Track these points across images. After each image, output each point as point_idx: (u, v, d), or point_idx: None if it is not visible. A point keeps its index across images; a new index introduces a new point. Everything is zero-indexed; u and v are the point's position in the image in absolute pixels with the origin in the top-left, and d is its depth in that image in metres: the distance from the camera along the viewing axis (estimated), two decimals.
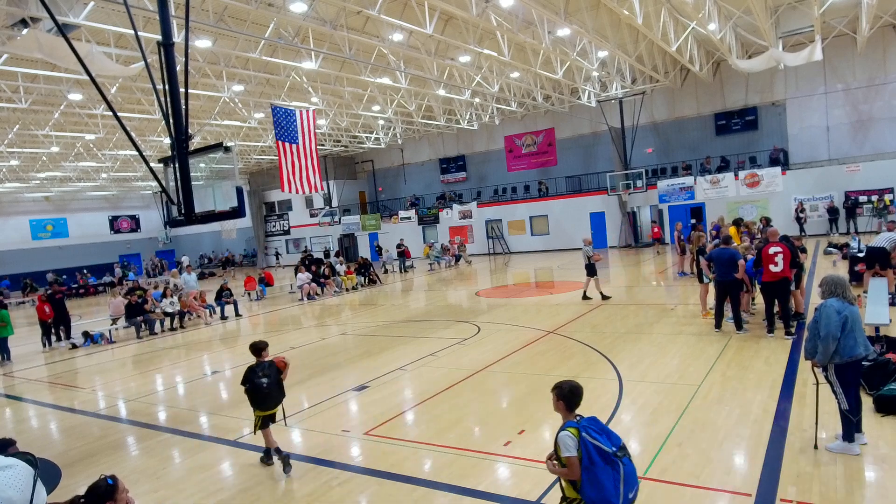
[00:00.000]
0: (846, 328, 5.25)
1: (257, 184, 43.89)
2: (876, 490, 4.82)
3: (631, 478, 3.53)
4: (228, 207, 5.76)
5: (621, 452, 3.53)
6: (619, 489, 3.46)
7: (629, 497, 3.51)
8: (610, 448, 3.51)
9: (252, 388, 6.17)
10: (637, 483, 3.61)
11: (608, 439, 3.56)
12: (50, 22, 11.44)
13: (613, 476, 3.46)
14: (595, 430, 3.57)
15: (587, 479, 3.49)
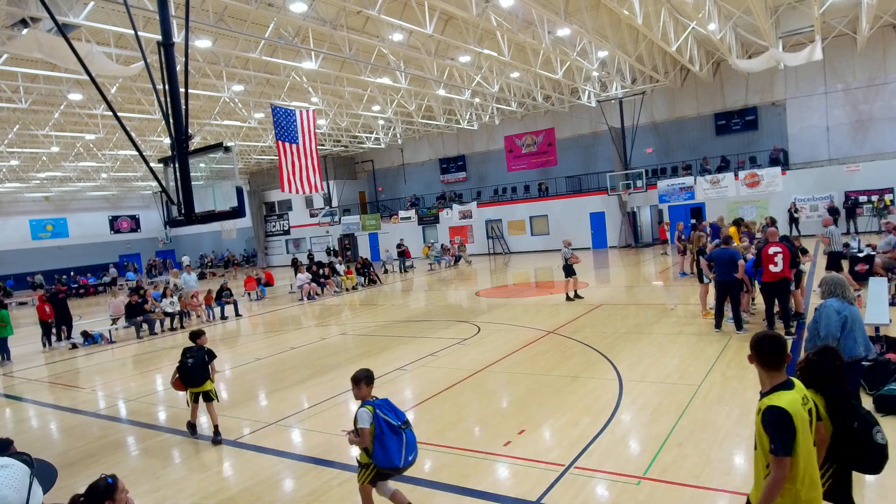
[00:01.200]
0: (846, 328, 5.24)
1: (257, 184, 43.90)
2: (876, 490, 4.82)
3: (411, 444, 4.53)
4: (228, 207, 5.76)
5: (405, 426, 4.53)
6: (402, 453, 4.44)
7: (409, 459, 4.51)
8: (396, 422, 4.48)
9: (179, 366, 7.29)
10: (416, 449, 4.59)
11: (395, 416, 4.52)
12: (50, 22, 11.44)
13: (398, 442, 4.44)
14: (386, 409, 4.52)
15: (378, 445, 4.41)
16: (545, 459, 5.83)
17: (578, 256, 15.81)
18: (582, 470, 5.52)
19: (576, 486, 5.26)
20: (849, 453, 3.33)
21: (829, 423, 3.33)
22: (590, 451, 5.91)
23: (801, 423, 2.89)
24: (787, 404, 2.88)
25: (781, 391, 2.97)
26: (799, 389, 3.05)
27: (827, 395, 3.35)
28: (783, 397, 2.93)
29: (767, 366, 3.06)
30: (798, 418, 2.88)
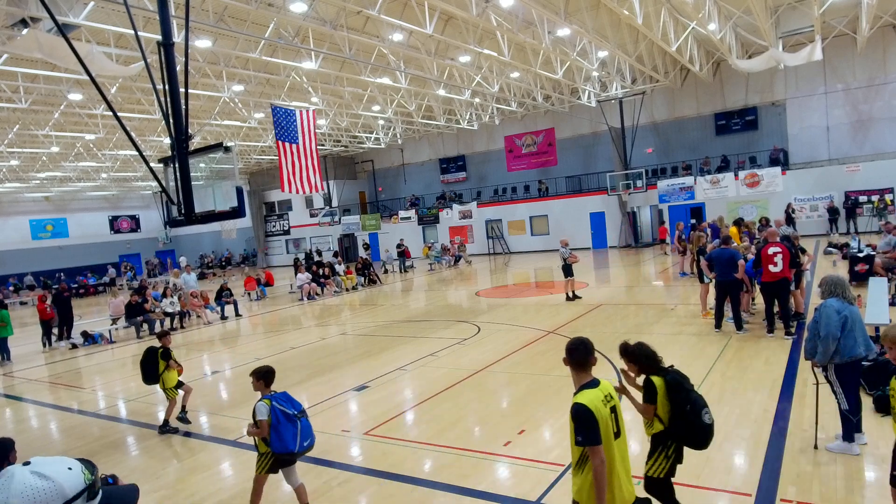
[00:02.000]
0: (846, 328, 5.25)
1: (257, 184, 43.89)
2: (876, 490, 4.82)
3: (306, 431, 4.95)
4: (228, 207, 5.76)
5: (300, 415, 4.94)
6: (297, 439, 4.85)
7: (304, 444, 4.92)
8: (292, 411, 4.89)
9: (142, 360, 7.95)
10: (312, 437, 5.03)
11: (292, 406, 4.95)
12: (50, 22, 11.43)
13: (293, 430, 4.85)
14: (282, 400, 4.94)
15: (274, 434, 4.78)
16: (545, 459, 5.83)
17: (577, 256, 15.83)
18: None
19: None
20: (682, 432, 3.92)
21: (668, 405, 3.93)
22: None
23: (602, 419, 3.29)
24: (589, 401, 3.30)
25: (586, 390, 3.38)
26: (603, 389, 3.44)
27: (665, 381, 3.96)
28: (586, 395, 3.34)
29: (577, 368, 3.46)
30: (598, 413, 3.28)
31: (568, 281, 15.39)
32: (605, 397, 3.41)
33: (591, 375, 3.48)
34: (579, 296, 15.45)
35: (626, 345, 4.26)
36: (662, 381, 3.99)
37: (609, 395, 3.46)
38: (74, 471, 1.51)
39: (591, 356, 3.46)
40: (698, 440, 3.93)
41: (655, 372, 4.07)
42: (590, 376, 3.46)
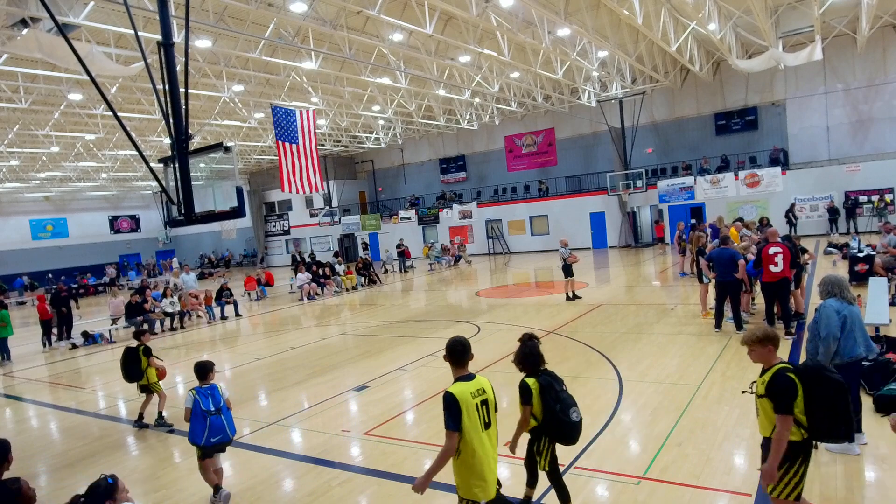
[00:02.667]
0: (846, 328, 5.24)
1: (257, 184, 43.89)
2: (876, 490, 4.82)
3: (215, 428, 5.39)
4: (228, 207, 5.76)
5: (215, 412, 5.40)
6: (204, 434, 5.34)
7: (211, 440, 5.39)
8: (207, 407, 5.37)
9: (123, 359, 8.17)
10: (223, 434, 5.45)
11: (212, 401, 5.43)
12: (50, 22, 11.43)
13: (202, 425, 5.34)
14: (203, 394, 5.43)
15: (191, 424, 5.37)
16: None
17: (577, 256, 15.83)
18: (582, 470, 5.52)
19: (576, 486, 5.26)
20: (553, 428, 4.39)
21: (541, 405, 4.37)
22: (590, 451, 5.91)
23: (467, 408, 3.67)
24: (458, 392, 3.69)
25: (459, 382, 3.78)
26: (476, 383, 3.82)
27: (539, 383, 4.39)
28: (458, 387, 3.74)
29: (455, 364, 3.87)
30: (464, 404, 3.66)
31: (568, 281, 15.39)
32: (476, 391, 3.79)
33: (468, 371, 3.87)
34: (579, 296, 15.46)
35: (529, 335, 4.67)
36: (536, 383, 4.40)
37: (482, 390, 3.82)
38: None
39: (467, 354, 3.88)
40: (567, 435, 4.40)
41: (532, 373, 4.46)
42: (466, 371, 3.85)
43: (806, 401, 3.74)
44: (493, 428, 3.85)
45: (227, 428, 5.50)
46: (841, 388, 3.75)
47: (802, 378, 3.78)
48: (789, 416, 3.67)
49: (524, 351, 4.54)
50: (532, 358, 4.50)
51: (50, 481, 6.71)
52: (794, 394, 3.70)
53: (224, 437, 5.50)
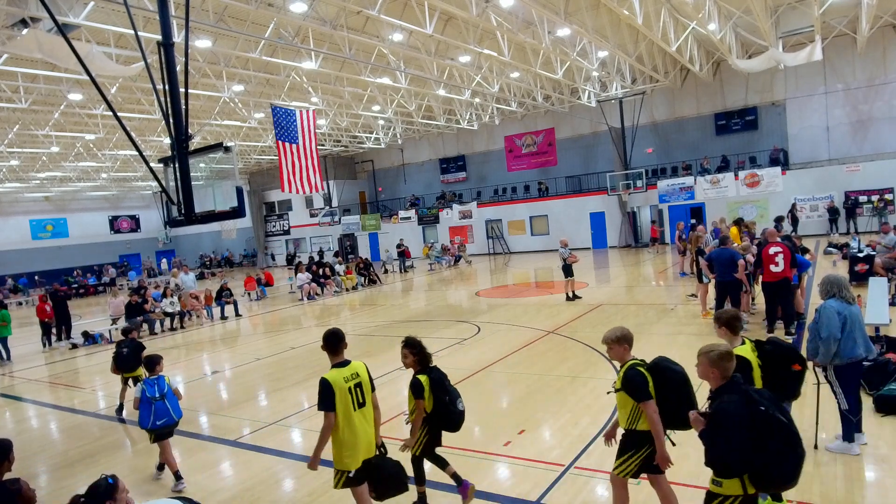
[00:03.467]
0: (846, 329, 5.24)
1: (257, 184, 43.89)
2: (876, 490, 4.82)
3: (160, 412, 6.06)
4: (228, 207, 5.76)
5: (159, 398, 6.08)
6: (150, 418, 6.02)
7: (157, 423, 6.05)
8: (152, 394, 6.07)
9: (115, 353, 8.71)
10: (167, 418, 6.09)
11: (157, 389, 6.11)
12: (50, 22, 11.43)
13: (148, 410, 6.04)
14: (149, 384, 6.14)
15: (140, 410, 6.08)
16: (545, 459, 5.83)
17: (576, 256, 15.84)
18: (582, 470, 5.52)
19: (576, 486, 5.26)
20: (441, 418, 4.92)
21: (432, 398, 4.89)
22: (590, 451, 5.91)
23: (340, 391, 4.27)
24: (331, 378, 4.31)
25: (334, 369, 4.41)
26: (350, 369, 4.44)
27: (430, 379, 4.91)
28: (331, 373, 4.36)
29: (330, 352, 4.50)
30: (336, 386, 4.27)
31: (568, 281, 15.39)
32: (350, 375, 4.42)
33: (343, 358, 4.50)
34: (579, 296, 15.46)
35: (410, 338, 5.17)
36: (428, 379, 4.93)
37: (356, 374, 4.46)
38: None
39: (341, 344, 4.51)
40: (454, 423, 4.97)
41: (423, 370, 5.00)
42: (341, 359, 4.48)
43: (655, 391, 4.08)
44: (367, 407, 4.48)
45: (171, 412, 6.15)
46: (684, 379, 4.14)
47: (651, 371, 4.12)
48: (651, 401, 4.00)
49: (418, 351, 5.05)
50: (425, 356, 5.07)
51: (50, 481, 6.71)
52: (644, 382, 4.05)
53: (169, 420, 6.14)
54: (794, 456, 3.22)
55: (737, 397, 3.37)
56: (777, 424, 3.22)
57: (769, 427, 3.20)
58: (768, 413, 3.22)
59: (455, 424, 4.99)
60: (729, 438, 3.29)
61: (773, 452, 3.21)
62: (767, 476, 3.28)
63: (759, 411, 3.24)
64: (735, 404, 3.33)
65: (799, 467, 3.26)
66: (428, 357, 5.06)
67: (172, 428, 6.27)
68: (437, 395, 4.89)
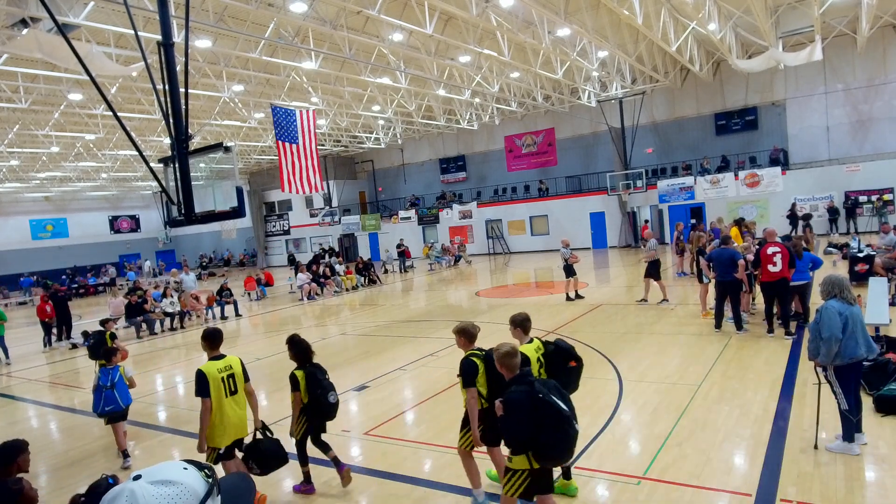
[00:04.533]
0: (847, 329, 5.24)
1: (257, 184, 43.88)
2: (876, 490, 4.82)
3: (109, 400, 6.83)
4: (228, 207, 5.75)
5: (109, 387, 6.84)
6: (100, 403, 6.85)
7: (105, 409, 6.84)
8: (104, 383, 6.87)
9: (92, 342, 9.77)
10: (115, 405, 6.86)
11: (107, 378, 6.90)
12: (50, 22, 11.43)
13: (99, 396, 6.86)
14: (104, 373, 6.92)
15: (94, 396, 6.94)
16: None
17: (578, 256, 15.84)
18: (582, 470, 5.52)
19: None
20: (315, 408, 5.46)
21: (307, 391, 5.46)
22: (590, 451, 5.91)
23: (213, 380, 5.11)
24: (206, 369, 5.18)
25: (211, 361, 5.26)
26: (224, 361, 5.28)
27: (305, 373, 5.52)
28: (207, 365, 5.20)
29: (209, 347, 5.34)
30: (210, 377, 5.12)
31: (569, 281, 15.39)
32: (224, 367, 5.23)
33: (219, 353, 5.35)
34: (581, 296, 15.47)
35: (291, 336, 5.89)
36: (304, 374, 5.52)
37: (229, 366, 5.27)
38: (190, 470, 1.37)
39: (218, 340, 5.35)
40: (326, 414, 5.54)
41: (301, 366, 5.59)
42: (217, 353, 5.34)
43: (487, 377, 4.79)
44: (239, 395, 5.32)
45: (118, 400, 6.88)
46: None
47: (484, 360, 4.82)
48: (472, 388, 4.75)
49: (297, 349, 5.70)
50: (303, 353, 5.68)
51: (50, 481, 6.71)
52: (474, 372, 4.75)
53: (116, 407, 6.88)
54: (566, 435, 3.85)
55: (523, 387, 3.95)
56: (552, 409, 3.83)
57: (545, 411, 3.82)
58: (545, 399, 3.83)
59: (327, 414, 5.57)
60: (516, 421, 3.89)
61: (550, 432, 3.82)
62: (545, 452, 3.90)
63: (538, 398, 3.84)
64: (519, 393, 3.91)
65: (570, 444, 3.92)
66: (308, 355, 5.68)
67: (122, 413, 6.97)
68: (311, 389, 5.46)
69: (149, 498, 1.25)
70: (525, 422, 3.83)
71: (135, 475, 1.30)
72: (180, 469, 1.36)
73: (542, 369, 4.95)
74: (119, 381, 6.89)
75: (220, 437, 5.19)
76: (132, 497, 1.25)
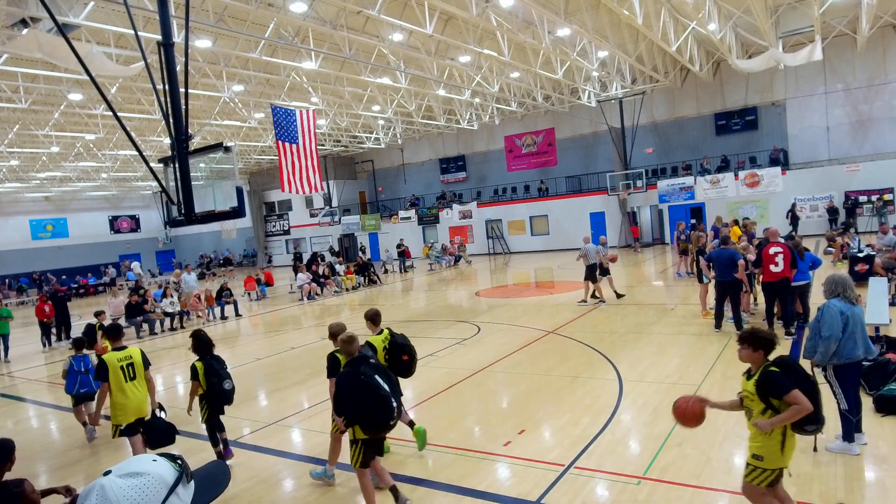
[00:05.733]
0: (847, 329, 5.24)
1: (257, 184, 43.88)
2: (876, 490, 4.82)
3: (84, 383, 7.87)
4: (228, 207, 5.76)
5: (84, 372, 7.87)
6: (76, 386, 7.88)
7: (80, 391, 7.88)
8: (79, 369, 7.89)
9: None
10: (88, 387, 7.86)
11: (81, 364, 7.93)
12: (50, 22, 11.43)
13: (75, 380, 7.87)
14: (77, 360, 7.93)
15: (67, 380, 7.92)
16: (545, 459, 5.83)
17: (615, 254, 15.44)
18: (582, 470, 5.52)
19: (576, 486, 5.26)
20: (213, 395, 6.34)
21: (205, 380, 6.28)
22: (590, 451, 5.91)
23: (112, 368, 6.10)
24: (107, 358, 6.13)
25: (112, 352, 6.27)
26: (125, 352, 6.25)
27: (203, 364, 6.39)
28: (108, 355, 6.20)
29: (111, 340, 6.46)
30: (110, 364, 6.11)
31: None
32: (123, 357, 6.20)
33: (121, 344, 6.37)
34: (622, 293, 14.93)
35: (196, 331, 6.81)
36: (202, 365, 6.37)
37: (129, 356, 6.24)
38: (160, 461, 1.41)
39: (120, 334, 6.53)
40: (223, 399, 6.40)
41: (201, 358, 6.46)
42: (120, 344, 6.36)
43: None
44: (138, 380, 6.24)
45: (92, 384, 7.68)
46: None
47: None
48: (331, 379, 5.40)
49: (198, 343, 6.54)
50: (204, 347, 6.47)
51: (50, 481, 6.71)
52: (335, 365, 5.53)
53: (90, 390, 7.85)
54: (384, 410, 4.61)
55: (350, 369, 4.74)
56: (373, 388, 4.58)
57: (368, 390, 4.58)
58: (367, 380, 4.60)
59: (224, 400, 6.40)
60: (342, 396, 4.69)
61: (370, 406, 4.59)
62: (367, 423, 4.67)
63: (361, 379, 4.60)
64: (347, 374, 4.73)
65: (389, 418, 4.65)
66: (208, 348, 6.53)
67: (92, 395, 7.87)
68: (209, 378, 6.25)
69: (118, 490, 1.30)
70: (349, 397, 4.63)
71: (105, 471, 1.34)
72: (149, 461, 1.40)
73: (386, 356, 5.98)
74: (91, 368, 7.73)
75: (122, 415, 6.12)
76: (101, 492, 1.30)
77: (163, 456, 1.44)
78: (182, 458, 1.45)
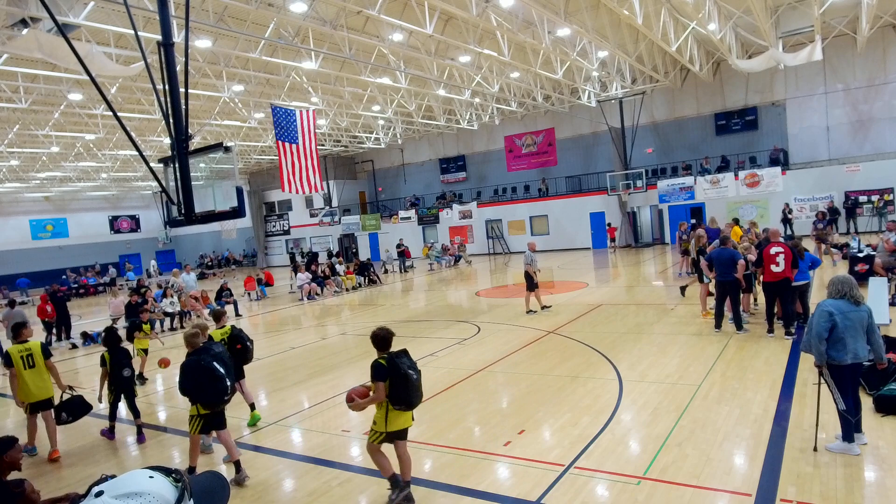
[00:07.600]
0: (836, 331, 5.25)
1: (257, 184, 43.88)
2: (876, 490, 4.82)
3: None
4: (228, 207, 5.76)
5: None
6: None
7: None
8: None
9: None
10: None
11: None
12: (50, 22, 11.42)
13: None
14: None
15: None
16: (545, 459, 5.83)
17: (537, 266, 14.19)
18: (582, 470, 5.52)
19: (576, 486, 5.26)
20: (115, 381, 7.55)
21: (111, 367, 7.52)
22: (590, 451, 5.91)
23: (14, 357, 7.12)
24: (10, 350, 7.17)
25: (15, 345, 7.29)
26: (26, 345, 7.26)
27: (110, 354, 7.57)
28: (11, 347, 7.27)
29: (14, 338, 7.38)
30: (12, 354, 7.13)
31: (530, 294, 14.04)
32: (24, 349, 7.20)
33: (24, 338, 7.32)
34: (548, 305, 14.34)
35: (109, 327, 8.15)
36: (109, 356, 7.52)
37: (28, 349, 7.22)
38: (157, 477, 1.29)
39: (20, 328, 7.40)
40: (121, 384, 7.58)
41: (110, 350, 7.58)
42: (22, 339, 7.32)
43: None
44: (36, 368, 7.20)
45: None
46: None
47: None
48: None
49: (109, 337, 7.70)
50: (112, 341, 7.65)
51: (50, 481, 6.71)
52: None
53: None
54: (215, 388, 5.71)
55: (194, 357, 5.83)
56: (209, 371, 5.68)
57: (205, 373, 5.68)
58: (205, 365, 5.69)
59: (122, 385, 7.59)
60: (184, 379, 5.76)
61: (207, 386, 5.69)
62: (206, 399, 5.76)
63: (200, 364, 5.70)
64: (190, 361, 5.80)
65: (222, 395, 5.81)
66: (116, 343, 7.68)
67: None
68: (113, 367, 7.53)
69: None
70: (190, 379, 5.70)
71: (96, 491, 1.21)
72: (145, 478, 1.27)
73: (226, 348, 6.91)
74: None
75: (26, 396, 7.20)
76: None
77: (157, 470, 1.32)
78: (179, 472, 1.33)
